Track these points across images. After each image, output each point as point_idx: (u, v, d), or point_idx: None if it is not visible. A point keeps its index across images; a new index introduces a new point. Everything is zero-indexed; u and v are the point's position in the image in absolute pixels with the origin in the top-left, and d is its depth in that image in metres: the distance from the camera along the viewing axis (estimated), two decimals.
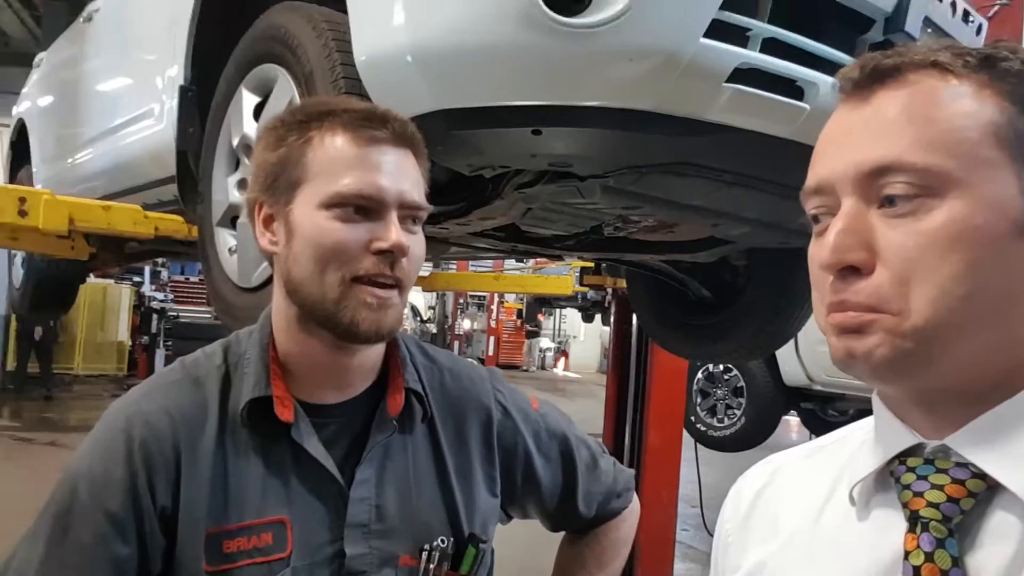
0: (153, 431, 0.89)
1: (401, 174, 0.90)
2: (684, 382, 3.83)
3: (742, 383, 5.35)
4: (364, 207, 0.88)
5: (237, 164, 1.84)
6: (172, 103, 2.15)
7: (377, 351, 0.97)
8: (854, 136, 0.59)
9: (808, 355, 5.02)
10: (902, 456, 0.60)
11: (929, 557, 0.55)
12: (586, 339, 18.69)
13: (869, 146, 0.58)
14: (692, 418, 5.37)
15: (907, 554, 0.56)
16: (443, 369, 1.05)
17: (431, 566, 0.95)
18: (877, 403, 0.64)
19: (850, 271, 0.57)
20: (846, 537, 0.62)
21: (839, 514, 0.64)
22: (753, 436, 5.28)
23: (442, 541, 0.96)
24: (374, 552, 0.93)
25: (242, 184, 1.81)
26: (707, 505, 5.05)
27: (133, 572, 0.87)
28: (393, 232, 0.87)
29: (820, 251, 0.59)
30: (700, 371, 5.46)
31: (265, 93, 1.74)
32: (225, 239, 1.84)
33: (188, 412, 0.91)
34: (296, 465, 0.92)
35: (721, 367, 5.43)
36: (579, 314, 12.54)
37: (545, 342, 18.73)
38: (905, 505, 0.58)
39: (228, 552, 0.88)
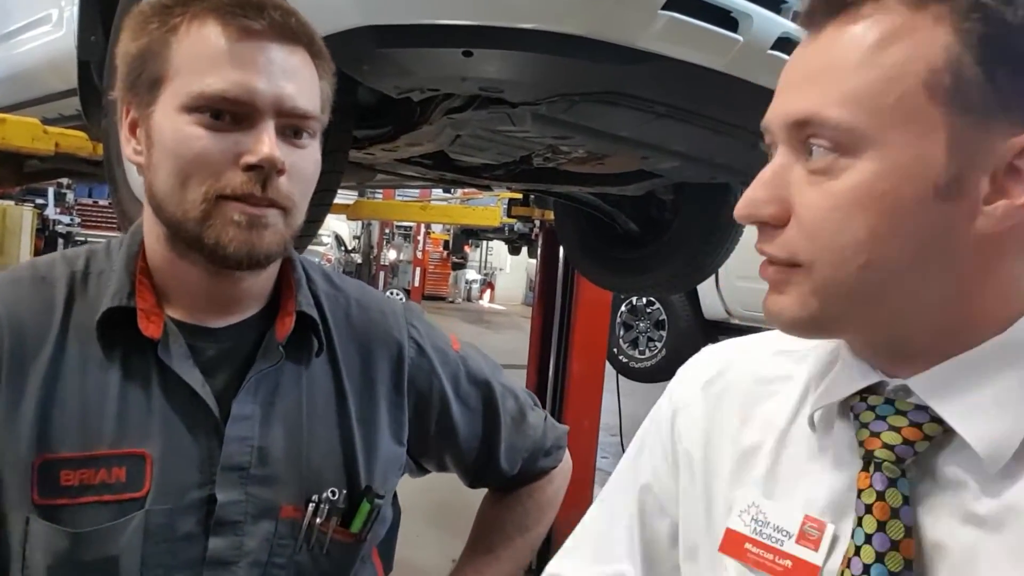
0: None
1: (284, 75, 0.75)
2: (608, 314, 3.88)
3: (664, 316, 5.47)
4: (234, 113, 0.74)
5: None
6: (73, 8, 1.99)
7: (267, 276, 0.85)
8: (794, 79, 0.57)
9: (728, 290, 5.15)
10: (864, 392, 0.60)
11: (880, 496, 0.56)
12: (512, 271, 18.77)
13: (799, 94, 0.56)
14: (615, 350, 5.48)
15: (860, 492, 0.57)
16: (350, 299, 0.93)
17: (317, 520, 0.84)
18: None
19: (764, 223, 0.58)
20: (807, 465, 0.63)
21: (803, 439, 0.64)
22: (673, 368, 5.33)
23: (333, 493, 0.85)
24: (251, 500, 0.81)
25: None
26: (626, 434, 5.21)
27: None
28: (265, 143, 0.74)
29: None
30: (624, 304, 5.55)
31: None
32: None
33: (22, 317, 0.78)
34: (164, 392, 0.79)
35: (644, 300, 5.53)
36: (506, 246, 12.57)
37: (471, 274, 18.74)
38: (861, 444, 0.58)
39: (67, 485, 0.75)
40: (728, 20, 1.34)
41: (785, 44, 1.41)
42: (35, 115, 2.30)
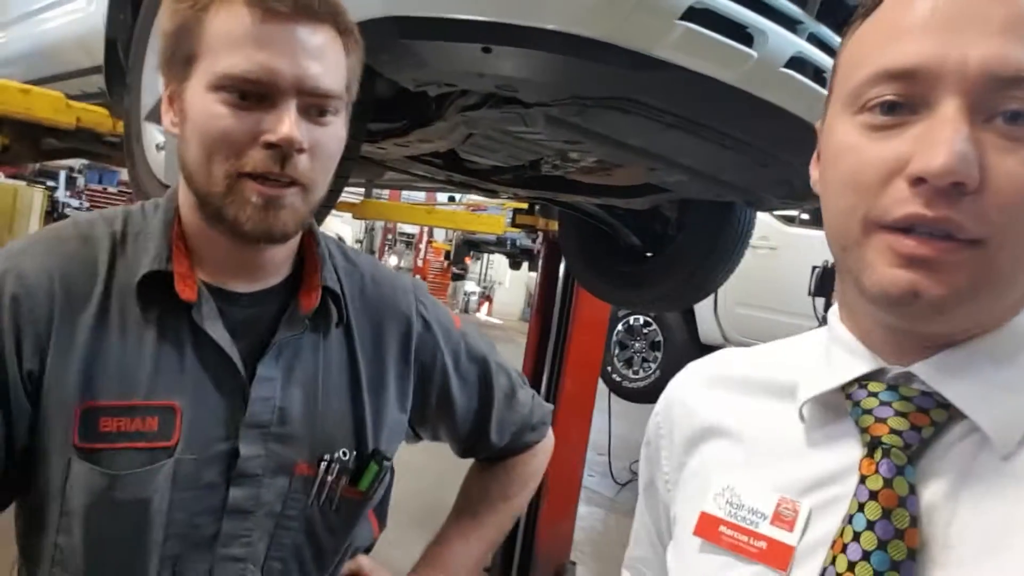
0: (26, 288, 0.80)
1: (307, 55, 0.78)
2: (604, 332, 3.89)
3: (660, 337, 5.49)
4: (257, 93, 0.78)
5: None
6: None
7: (289, 247, 0.89)
8: (986, 25, 0.49)
9: (726, 315, 5.18)
10: (861, 379, 0.58)
11: (888, 484, 0.54)
12: (511, 286, 18.75)
13: (1008, 45, 0.49)
14: (608, 368, 5.49)
15: (863, 478, 0.55)
16: (365, 274, 0.98)
17: (329, 478, 0.90)
18: (835, 321, 0.63)
19: (955, 187, 0.49)
20: (789, 451, 0.62)
21: (784, 427, 0.63)
22: None
23: (344, 454, 0.91)
24: (270, 456, 0.87)
25: None
26: (615, 454, 5.21)
27: (0, 437, 0.80)
28: (285, 123, 0.77)
29: (904, 151, 0.51)
30: (620, 323, 5.57)
31: None
32: (153, 135, 1.76)
33: (71, 272, 0.82)
34: (196, 351, 0.84)
35: (641, 320, 5.55)
36: (506, 260, 12.60)
37: (470, 286, 18.73)
38: (865, 430, 0.56)
39: (105, 431, 0.80)
40: (744, 35, 1.37)
41: (798, 64, 1.44)
42: (58, 91, 2.33)
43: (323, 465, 0.90)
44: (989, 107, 0.50)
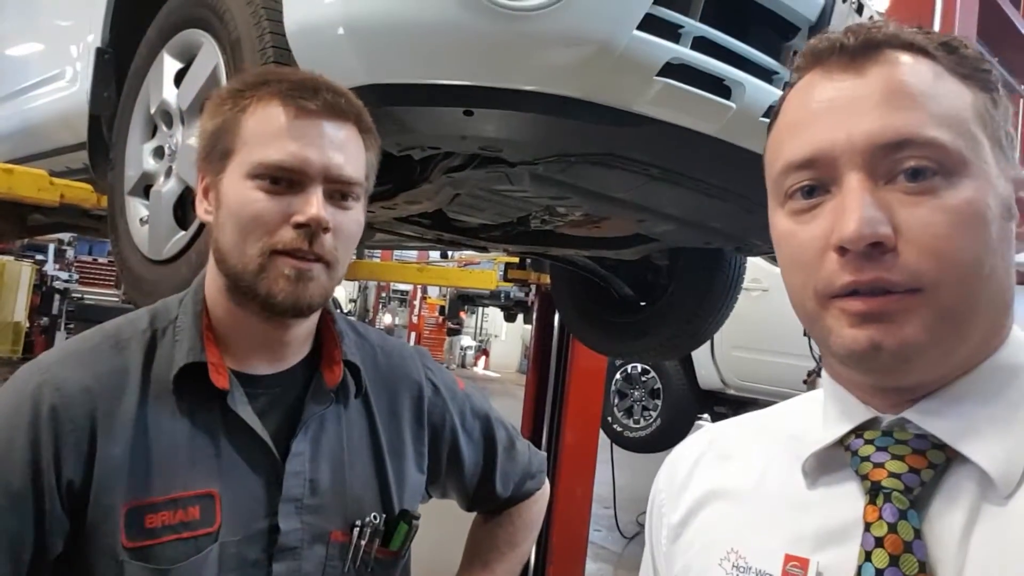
0: (65, 399, 0.83)
1: (333, 147, 0.87)
2: (603, 382, 3.86)
3: (659, 385, 5.45)
4: (289, 179, 0.86)
5: (154, 131, 1.77)
6: (87, 65, 2.05)
7: (310, 324, 0.95)
8: (859, 106, 0.56)
9: (723, 360, 5.15)
10: (857, 430, 0.60)
11: (892, 528, 0.54)
12: (507, 339, 18.71)
13: (883, 117, 0.55)
14: (609, 418, 5.44)
15: (868, 525, 0.55)
16: (375, 346, 1.04)
17: (363, 542, 0.95)
18: (828, 379, 0.64)
19: (874, 248, 0.54)
20: (793, 506, 0.62)
21: (785, 485, 0.63)
22: (668, 438, 5.37)
23: (374, 517, 0.96)
24: (307, 528, 0.91)
25: (158, 152, 1.74)
26: (620, 507, 5.12)
27: (28, 550, 0.82)
28: (313, 205, 0.85)
29: (827, 227, 0.56)
30: (618, 372, 5.53)
31: (188, 59, 1.67)
32: (137, 209, 1.76)
33: (107, 380, 0.86)
34: (228, 436, 0.89)
35: (639, 369, 5.52)
36: (501, 313, 12.57)
37: (466, 340, 18.69)
38: (865, 477, 0.57)
39: (151, 527, 0.84)
40: (721, 88, 1.39)
41: None
42: (43, 168, 2.34)
43: (356, 530, 0.94)
44: (888, 171, 0.55)
